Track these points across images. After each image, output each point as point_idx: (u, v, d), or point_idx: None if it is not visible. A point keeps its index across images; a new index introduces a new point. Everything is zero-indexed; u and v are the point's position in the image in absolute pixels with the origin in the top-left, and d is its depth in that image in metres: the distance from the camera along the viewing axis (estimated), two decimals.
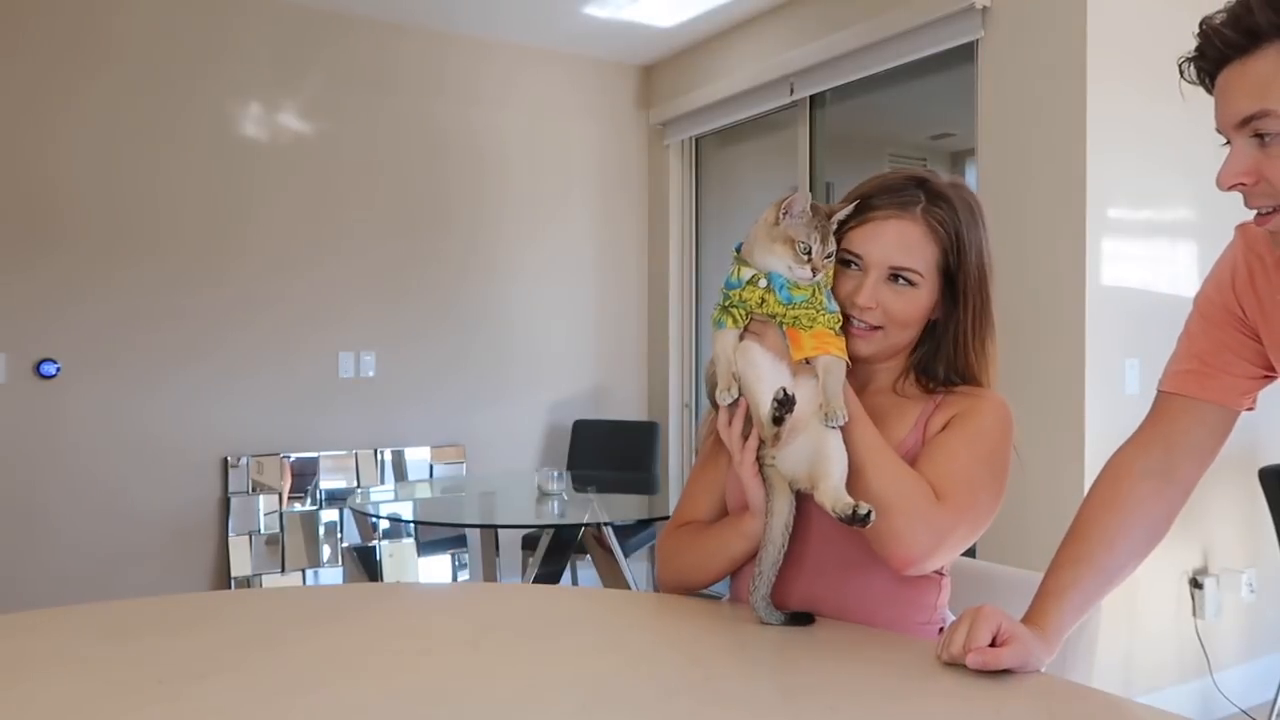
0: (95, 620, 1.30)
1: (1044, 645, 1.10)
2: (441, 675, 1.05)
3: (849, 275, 1.31)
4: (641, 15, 4.46)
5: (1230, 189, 1.02)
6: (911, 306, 1.31)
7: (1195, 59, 1.04)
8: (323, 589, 1.49)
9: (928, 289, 1.31)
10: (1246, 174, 0.99)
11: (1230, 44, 0.97)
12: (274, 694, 1.02)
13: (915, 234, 1.30)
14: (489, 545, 3.76)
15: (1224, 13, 0.98)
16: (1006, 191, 3.18)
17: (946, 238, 1.31)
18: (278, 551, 4.20)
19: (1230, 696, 3.29)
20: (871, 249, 1.30)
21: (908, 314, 1.31)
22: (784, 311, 1.25)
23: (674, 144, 5.05)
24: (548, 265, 4.91)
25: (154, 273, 4.01)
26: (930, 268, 1.31)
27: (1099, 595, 1.21)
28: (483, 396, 4.73)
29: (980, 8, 3.26)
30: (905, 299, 1.30)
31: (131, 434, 3.99)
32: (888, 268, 1.29)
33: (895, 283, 1.30)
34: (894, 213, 1.30)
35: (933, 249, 1.30)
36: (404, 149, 4.53)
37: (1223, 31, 0.98)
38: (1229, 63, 0.99)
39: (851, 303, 1.30)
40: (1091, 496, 1.26)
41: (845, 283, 1.31)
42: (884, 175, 1.36)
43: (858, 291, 1.29)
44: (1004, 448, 1.31)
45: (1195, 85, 1.05)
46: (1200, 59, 1.03)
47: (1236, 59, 0.98)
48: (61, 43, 3.84)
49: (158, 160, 4.03)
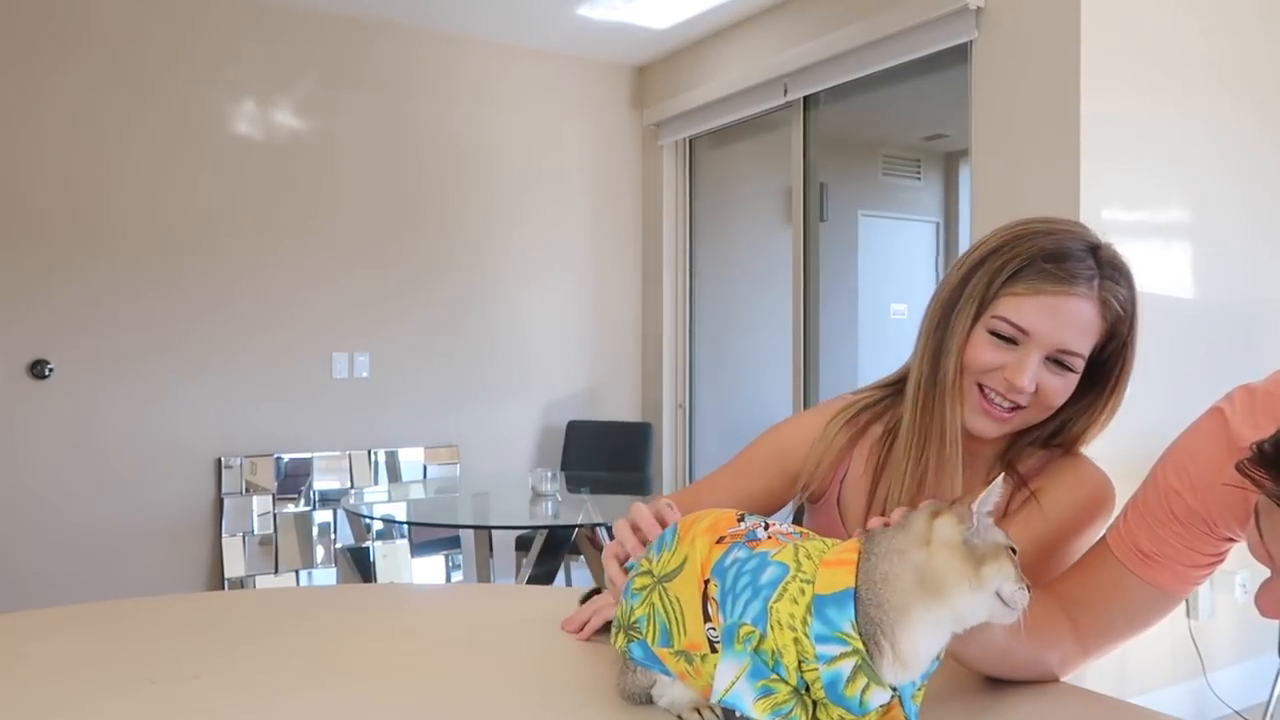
0: (87, 620, 1.29)
1: None
2: (435, 676, 1.05)
3: (1001, 346, 1.13)
4: (635, 16, 4.46)
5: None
6: (1065, 391, 1.15)
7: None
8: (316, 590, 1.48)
9: (1080, 372, 1.15)
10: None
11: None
12: (267, 694, 1.02)
13: (1091, 315, 1.12)
14: (483, 546, 3.76)
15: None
16: (999, 193, 3.18)
17: (1118, 319, 1.15)
18: (271, 552, 4.19)
19: (1224, 697, 3.30)
20: (1043, 326, 1.11)
21: (1060, 398, 1.15)
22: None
23: (668, 145, 5.05)
24: (541, 266, 4.91)
25: (145, 273, 4.00)
26: (1092, 350, 1.15)
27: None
28: (476, 397, 4.72)
29: (974, 9, 3.27)
30: (1063, 383, 1.14)
31: (124, 435, 3.97)
32: (1055, 349, 1.12)
33: (1054, 364, 1.13)
34: (1072, 288, 1.11)
35: (1101, 330, 1.14)
36: (399, 149, 4.53)
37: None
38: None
39: (1003, 380, 1.12)
40: None
41: (998, 354, 1.13)
42: (1054, 232, 1.16)
43: (1019, 372, 1.11)
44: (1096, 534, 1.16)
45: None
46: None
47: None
48: (43, 37, 3.83)
49: (149, 160, 4.02)
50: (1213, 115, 3.26)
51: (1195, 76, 3.20)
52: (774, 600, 0.81)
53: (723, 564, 0.86)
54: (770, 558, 0.84)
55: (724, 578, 0.85)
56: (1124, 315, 1.15)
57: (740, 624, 0.82)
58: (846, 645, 0.78)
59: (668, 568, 0.92)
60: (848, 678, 0.78)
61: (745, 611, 0.82)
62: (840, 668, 0.78)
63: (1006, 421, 1.15)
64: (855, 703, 0.79)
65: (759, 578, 0.83)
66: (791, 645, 0.79)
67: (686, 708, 0.92)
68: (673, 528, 0.96)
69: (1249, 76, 3.35)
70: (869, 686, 0.78)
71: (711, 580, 0.87)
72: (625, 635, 0.94)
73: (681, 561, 0.91)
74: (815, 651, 0.78)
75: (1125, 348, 1.18)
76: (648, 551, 0.96)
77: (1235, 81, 3.31)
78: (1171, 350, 3.18)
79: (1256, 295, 3.43)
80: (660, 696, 0.94)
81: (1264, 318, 3.44)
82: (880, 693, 0.79)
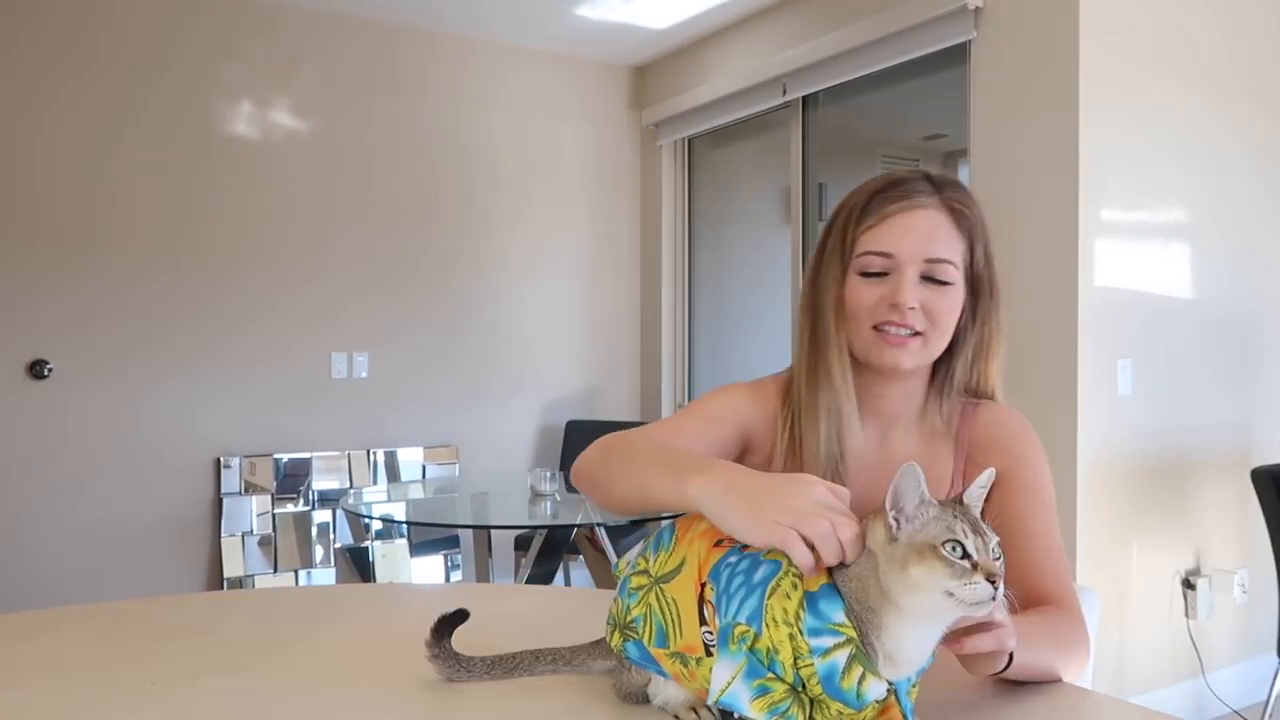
0: (87, 621, 1.29)
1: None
2: (434, 676, 1.05)
3: (875, 282, 1.16)
4: (634, 16, 4.45)
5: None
6: (951, 307, 1.17)
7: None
8: (315, 590, 1.48)
9: (960, 288, 1.18)
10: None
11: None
12: (266, 694, 1.02)
13: (943, 221, 1.17)
14: (482, 546, 3.75)
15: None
16: (999, 192, 3.18)
17: (971, 226, 1.19)
18: (270, 552, 4.19)
19: (1223, 697, 3.30)
20: (903, 243, 1.15)
21: (950, 314, 1.17)
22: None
23: (666, 145, 5.05)
24: (540, 266, 4.91)
25: (144, 273, 4.00)
26: (960, 261, 1.18)
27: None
28: (475, 397, 4.72)
29: (972, 9, 3.27)
30: (946, 297, 1.16)
31: (123, 435, 3.97)
32: (923, 261, 1.15)
33: (931, 282, 1.16)
34: (919, 201, 1.16)
35: (960, 240, 1.18)
36: (398, 150, 4.53)
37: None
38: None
39: (891, 306, 1.14)
40: None
41: (875, 289, 1.16)
42: (885, 175, 1.21)
43: (897, 291, 1.14)
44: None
45: None
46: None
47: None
48: (50, 42, 3.83)
49: (150, 161, 4.01)
50: (1212, 115, 3.26)
51: (1195, 75, 3.20)
52: (768, 596, 0.81)
53: (719, 568, 0.87)
54: (763, 556, 0.85)
55: (719, 580, 0.86)
56: (974, 219, 1.19)
57: (735, 624, 0.82)
58: (840, 636, 0.79)
59: (665, 568, 0.92)
60: (843, 669, 0.78)
61: (740, 610, 0.82)
62: (835, 659, 0.78)
63: (909, 346, 1.16)
64: (852, 695, 0.79)
65: (752, 576, 0.83)
66: (787, 641, 0.79)
67: (682, 707, 0.93)
68: (670, 526, 0.96)
69: (1249, 75, 3.35)
70: (865, 677, 0.79)
71: (708, 584, 0.87)
72: (621, 634, 0.94)
73: (679, 563, 0.90)
74: (810, 646, 0.79)
75: (989, 261, 1.20)
76: (644, 550, 0.96)
77: (1235, 80, 3.31)
78: (1172, 350, 3.19)
79: (1257, 295, 3.43)
80: (655, 695, 0.95)
81: (1264, 318, 3.44)
82: (877, 684, 0.79)
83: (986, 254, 1.20)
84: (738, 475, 0.92)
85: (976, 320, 1.21)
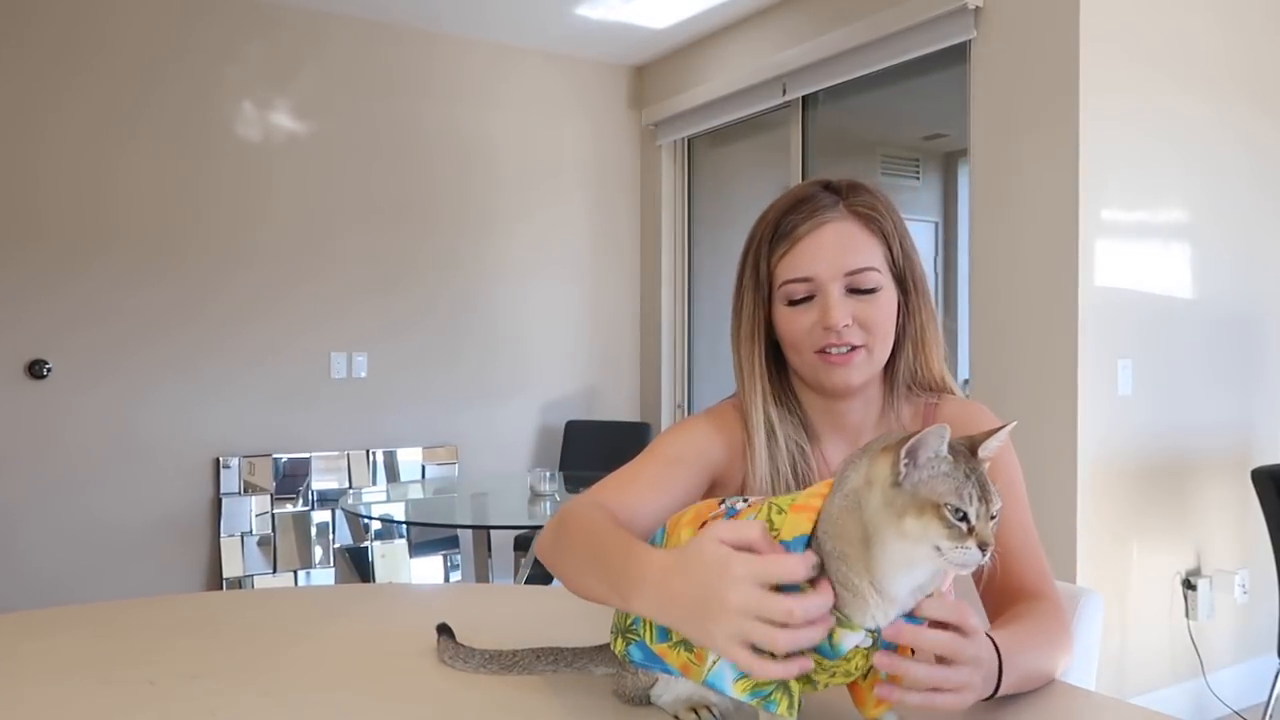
0: (86, 621, 1.29)
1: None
2: (433, 676, 1.05)
3: (804, 308, 1.16)
4: (634, 16, 4.45)
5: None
6: (885, 312, 1.17)
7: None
8: (315, 590, 1.48)
9: (889, 290, 1.17)
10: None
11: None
12: (266, 694, 1.02)
13: (854, 230, 1.16)
14: (481, 546, 3.75)
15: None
16: (999, 192, 3.18)
17: (883, 225, 1.17)
18: (269, 552, 4.19)
19: (1223, 698, 3.30)
20: (818, 263, 1.14)
21: (885, 320, 1.17)
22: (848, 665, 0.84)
23: (666, 144, 5.05)
24: (540, 266, 4.91)
25: (143, 274, 3.99)
26: (882, 264, 1.17)
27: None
28: (475, 397, 4.72)
29: (972, 8, 3.27)
30: (876, 305, 1.16)
31: (123, 435, 3.97)
32: (844, 276, 1.14)
33: (857, 293, 1.15)
34: (824, 217, 1.16)
35: (876, 243, 1.17)
36: (398, 150, 4.53)
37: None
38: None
39: (825, 329, 1.14)
40: None
41: (805, 315, 1.16)
42: (785, 194, 1.21)
43: (826, 313, 1.14)
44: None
45: None
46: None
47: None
48: (51, 42, 3.83)
49: (148, 161, 4.01)
50: (1212, 115, 3.26)
51: (1195, 75, 3.20)
52: None
53: None
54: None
55: None
56: (884, 217, 1.18)
57: None
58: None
59: None
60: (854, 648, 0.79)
61: None
62: None
63: (853, 361, 1.16)
64: (826, 645, 0.79)
65: None
66: None
67: (683, 707, 0.92)
68: (661, 529, 0.97)
69: (1250, 75, 3.35)
70: (835, 629, 0.79)
71: None
72: (623, 639, 0.94)
73: None
74: None
75: (909, 254, 1.20)
76: None
77: (1235, 80, 3.31)
78: (1172, 350, 3.19)
79: (1257, 295, 3.43)
80: (660, 695, 0.94)
81: (1265, 318, 3.44)
82: (851, 635, 0.79)
83: (904, 249, 1.20)
84: (662, 586, 0.85)
85: (910, 315, 1.22)
